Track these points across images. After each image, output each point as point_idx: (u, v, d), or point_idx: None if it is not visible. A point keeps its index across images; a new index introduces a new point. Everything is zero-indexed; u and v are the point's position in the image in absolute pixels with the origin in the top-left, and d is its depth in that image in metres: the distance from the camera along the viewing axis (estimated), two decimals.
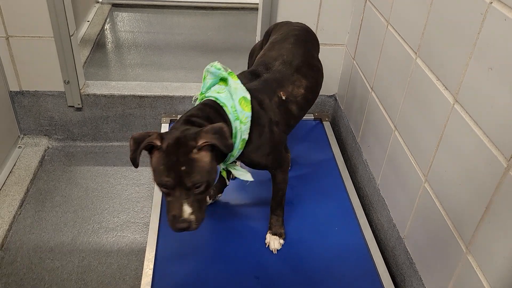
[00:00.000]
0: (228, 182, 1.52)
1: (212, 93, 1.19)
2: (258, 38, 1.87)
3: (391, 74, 1.42)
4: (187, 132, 1.05)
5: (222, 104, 1.16)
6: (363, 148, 1.69)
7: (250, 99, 1.18)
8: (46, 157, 1.94)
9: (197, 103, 1.23)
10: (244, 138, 1.16)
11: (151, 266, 1.28)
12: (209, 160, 1.05)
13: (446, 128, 1.09)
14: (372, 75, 1.58)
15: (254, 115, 1.17)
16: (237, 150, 1.16)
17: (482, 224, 0.94)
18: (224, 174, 1.43)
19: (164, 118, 1.90)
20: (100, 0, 3.06)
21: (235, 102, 1.16)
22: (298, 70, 1.33)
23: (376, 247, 1.40)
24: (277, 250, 1.36)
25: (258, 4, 1.82)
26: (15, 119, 1.94)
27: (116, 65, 2.43)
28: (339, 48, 1.90)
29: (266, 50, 1.39)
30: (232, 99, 1.16)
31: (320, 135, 1.88)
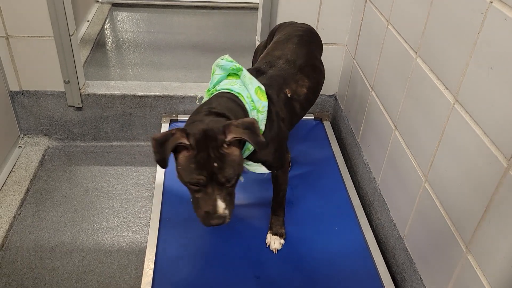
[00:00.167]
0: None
1: (223, 86, 1.17)
2: (258, 37, 1.87)
3: (391, 73, 1.42)
4: (213, 124, 1.02)
5: (237, 94, 1.14)
6: (363, 148, 1.69)
7: (264, 89, 1.17)
8: (46, 156, 1.94)
9: (205, 100, 1.21)
10: (261, 129, 1.14)
11: (152, 266, 1.28)
12: (239, 153, 1.04)
13: (446, 127, 1.09)
14: (373, 75, 1.58)
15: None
16: None
17: (482, 224, 0.94)
18: None
19: (164, 118, 1.91)
20: None
21: (250, 92, 1.15)
22: (301, 69, 1.33)
23: (376, 247, 1.40)
24: (277, 250, 1.36)
25: (258, 3, 1.82)
26: (15, 119, 1.94)
27: (116, 64, 2.43)
28: (339, 48, 1.90)
29: (270, 50, 1.39)
30: (247, 90, 1.15)
31: (320, 135, 1.88)
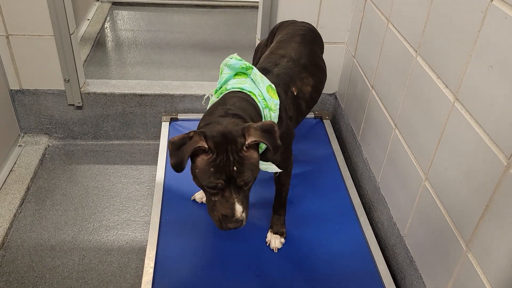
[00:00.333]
0: None
1: (233, 85, 1.16)
2: (258, 36, 1.87)
3: (391, 72, 1.42)
4: (232, 127, 1.01)
5: (249, 93, 1.14)
6: (363, 147, 1.69)
7: (275, 87, 1.16)
8: (46, 155, 1.94)
9: (212, 100, 1.21)
10: None
11: (152, 265, 1.28)
12: (257, 156, 1.03)
13: (446, 126, 1.09)
14: (373, 73, 1.58)
15: None
16: None
17: (482, 222, 0.94)
18: None
19: (164, 117, 1.91)
20: None
21: (262, 90, 1.14)
22: (306, 68, 1.34)
23: (376, 246, 1.40)
24: (278, 249, 1.36)
25: (258, 2, 1.82)
26: (16, 118, 1.94)
27: (116, 63, 2.43)
28: (340, 46, 1.90)
29: (273, 49, 1.39)
30: (258, 88, 1.15)
31: (320, 134, 1.88)
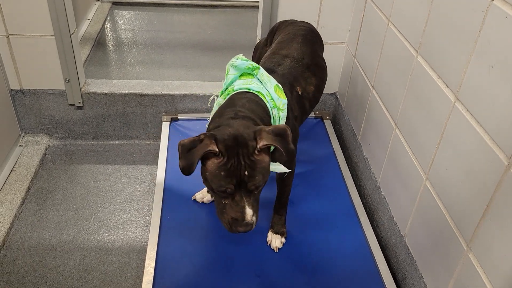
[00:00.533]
0: None
1: (240, 86, 1.15)
2: (258, 36, 1.87)
3: (392, 72, 1.42)
4: (243, 130, 1.00)
5: (257, 93, 1.13)
6: (364, 146, 1.69)
7: (282, 87, 1.16)
8: (47, 155, 1.94)
9: (219, 100, 1.20)
10: None
11: (153, 265, 1.28)
12: (268, 160, 1.02)
13: (447, 126, 1.08)
14: (373, 73, 1.58)
15: None
16: None
17: (483, 222, 0.94)
18: None
19: (165, 117, 1.91)
20: None
21: (269, 90, 1.14)
22: (308, 68, 1.34)
23: (377, 245, 1.40)
24: (278, 249, 1.36)
25: (258, 2, 1.82)
26: (16, 118, 1.94)
27: (117, 63, 2.43)
28: (340, 46, 1.90)
29: (275, 49, 1.39)
30: (266, 88, 1.14)
31: (321, 133, 1.88)
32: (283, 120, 1.15)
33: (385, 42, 1.47)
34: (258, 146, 0.98)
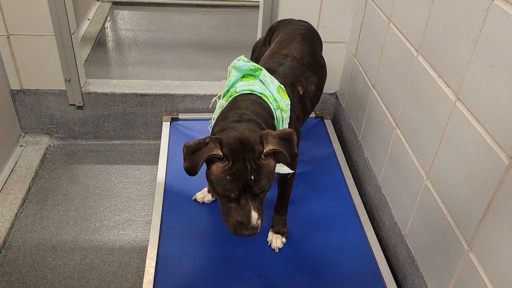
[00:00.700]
0: None
1: (243, 87, 1.15)
2: (259, 35, 1.87)
3: (392, 71, 1.42)
4: (249, 133, 1.00)
5: (260, 95, 1.13)
6: (364, 146, 1.69)
7: (284, 88, 1.16)
8: (47, 155, 1.94)
9: (221, 102, 1.20)
10: (285, 127, 1.14)
11: (153, 264, 1.28)
12: (274, 164, 1.02)
13: (447, 126, 1.08)
14: (374, 73, 1.58)
15: None
16: None
17: (484, 222, 0.94)
18: None
19: (165, 117, 1.91)
20: None
21: (272, 91, 1.14)
22: (309, 67, 1.34)
23: (377, 245, 1.40)
24: (279, 249, 1.36)
25: (259, 1, 1.82)
26: (16, 118, 1.94)
27: (117, 63, 2.43)
28: (340, 46, 1.90)
29: (275, 49, 1.39)
30: (268, 89, 1.14)
31: (321, 133, 1.88)
32: (286, 121, 1.15)
33: (385, 42, 1.47)
34: (265, 151, 0.98)
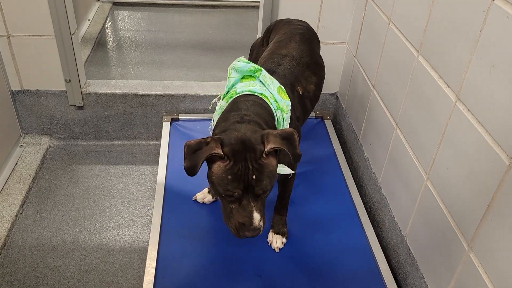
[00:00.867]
0: None
1: (243, 88, 1.15)
2: (259, 36, 1.87)
3: (392, 72, 1.42)
4: (250, 134, 0.99)
5: (261, 95, 1.13)
6: (364, 147, 1.69)
7: (284, 88, 1.16)
8: (47, 156, 1.94)
9: (221, 103, 1.20)
10: (285, 128, 1.14)
11: (154, 265, 1.28)
12: (275, 164, 1.02)
13: (448, 126, 1.08)
14: (374, 73, 1.58)
15: None
16: None
17: (484, 222, 0.94)
18: None
19: (165, 117, 1.91)
20: None
21: (272, 92, 1.14)
22: (308, 66, 1.34)
23: (378, 245, 1.40)
24: (279, 249, 1.36)
25: (259, 2, 1.82)
26: (17, 118, 1.94)
27: (117, 63, 2.43)
28: (341, 46, 1.90)
29: (274, 49, 1.39)
30: (269, 90, 1.14)
31: (321, 134, 1.88)
32: (287, 121, 1.15)
33: (386, 42, 1.47)
34: (266, 149, 0.98)
